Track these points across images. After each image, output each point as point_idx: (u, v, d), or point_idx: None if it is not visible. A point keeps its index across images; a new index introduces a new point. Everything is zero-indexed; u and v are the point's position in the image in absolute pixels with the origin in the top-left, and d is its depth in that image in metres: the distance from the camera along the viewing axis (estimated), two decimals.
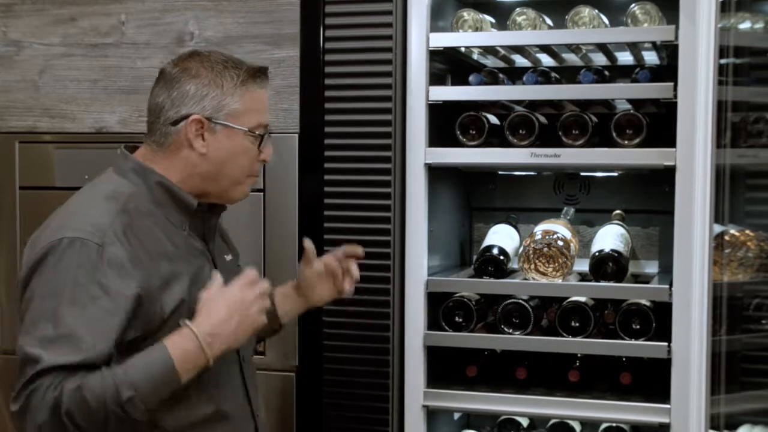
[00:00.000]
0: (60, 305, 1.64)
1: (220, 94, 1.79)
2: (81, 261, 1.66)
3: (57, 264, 1.67)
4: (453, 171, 2.60)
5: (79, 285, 1.65)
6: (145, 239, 1.74)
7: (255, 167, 1.86)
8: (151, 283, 1.71)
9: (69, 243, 1.67)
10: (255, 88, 1.82)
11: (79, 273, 1.65)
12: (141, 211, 1.77)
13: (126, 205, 1.75)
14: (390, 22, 2.32)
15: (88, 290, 1.65)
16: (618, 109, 2.48)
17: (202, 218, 1.87)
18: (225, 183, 1.83)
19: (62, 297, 1.64)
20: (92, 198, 1.79)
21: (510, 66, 2.68)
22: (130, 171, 1.82)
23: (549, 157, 2.30)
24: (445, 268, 2.58)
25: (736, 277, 2.31)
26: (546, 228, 2.41)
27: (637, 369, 2.35)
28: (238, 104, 1.80)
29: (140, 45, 2.55)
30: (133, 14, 2.55)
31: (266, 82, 1.85)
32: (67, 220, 1.74)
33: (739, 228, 2.33)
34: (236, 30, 2.47)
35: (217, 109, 1.79)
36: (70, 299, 1.64)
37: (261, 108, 1.84)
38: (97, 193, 1.79)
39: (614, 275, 2.33)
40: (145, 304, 1.69)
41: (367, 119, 2.35)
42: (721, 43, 2.13)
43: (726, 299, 2.21)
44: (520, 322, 2.34)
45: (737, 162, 2.25)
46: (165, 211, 1.81)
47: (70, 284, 1.65)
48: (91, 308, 1.64)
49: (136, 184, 1.80)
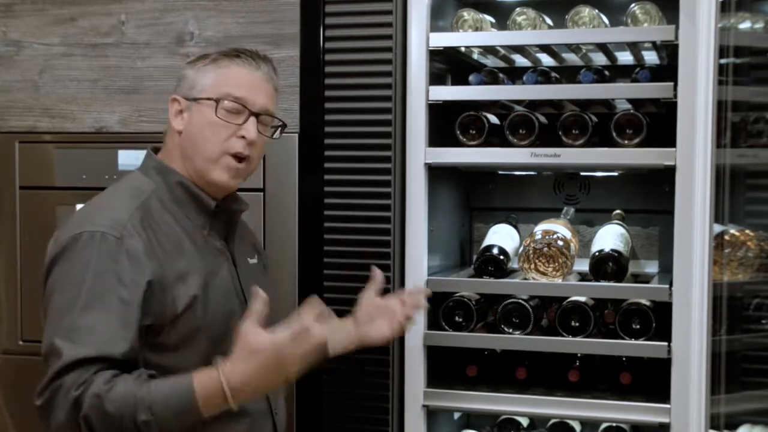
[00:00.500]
0: (79, 297, 1.67)
1: (193, 73, 1.87)
2: (100, 253, 1.69)
3: (77, 257, 1.70)
4: (453, 171, 2.60)
5: (97, 277, 1.68)
6: (161, 233, 1.78)
7: (231, 144, 1.84)
8: (165, 275, 1.74)
9: (89, 236, 1.71)
10: (228, 64, 1.87)
11: (98, 265, 1.69)
12: (160, 207, 1.82)
13: (146, 201, 1.81)
14: (390, 22, 2.32)
15: (106, 282, 1.68)
16: (618, 109, 2.48)
17: (222, 219, 1.91)
18: (199, 161, 1.85)
19: (81, 289, 1.67)
20: (115, 195, 1.84)
21: (510, 66, 2.68)
22: (152, 169, 1.88)
23: (549, 157, 2.30)
24: (445, 268, 2.58)
25: (736, 277, 2.31)
26: (546, 228, 2.41)
27: (637, 369, 2.35)
28: (208, 79, 1.85)
29: (140, 45, 2.55)
30: (133, 14, 2.55)
31: (249, 62, 1.88)
32: (88, 216, 1.78)
33: (739, 228, 2.33)
34: (236, 30, 2.47)
35: (191, 87, 1.86)
36: (89, 291, 1.67)
37: (233, 82, 1.85)
38: (121, 190, 1.85)
39: (614, 275, 2.33)
40: (157, 293, 1.72)
41: (367, 119, 2.35)
42: (721, 43, 2.13)
43: (726, 299, 2.21)
44: (520, 322, 2.34)
45: (737, 162, 2.25)
46: (185, 210, 1.85)
47: (89, 276, 1.68)
48: (109, 300, 1.67)
49: (156, 182, 1.86)
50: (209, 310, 1.80)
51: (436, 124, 2.39)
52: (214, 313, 1.81)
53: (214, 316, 1.81)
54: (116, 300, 1.67)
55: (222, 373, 1.61)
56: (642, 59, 2.53)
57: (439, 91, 2.37)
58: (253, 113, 1.85)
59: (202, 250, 1.84)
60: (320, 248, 2.40)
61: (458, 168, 2.59)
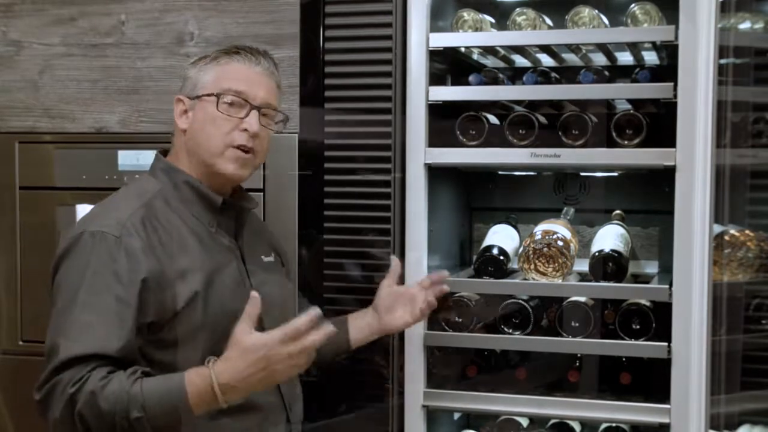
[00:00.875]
0: (78, 295, 1.70)
1: (195, 73, 1.92)
2: (99, 252, 1.73)
3: (78, 256, 1.75)
4: (453, 171, 2.60)
5: (95, 275, 1.71)
6: (164, 232, 1.81)
7: (234, 137, 1.88)
8: (164, 272, 1.76)
9: (90, 236, 1.75)
10: (228, 61, 1.91)
11: (97, 264, 1.72)
12: (165, 206, 1.85)
13: (150, 200, 1.84)
14: (390, 22, 2.32)
15: (103, 280, 1.71)
16: (618, 109, 2.48)
17: (230, 216, 1.94)
18: (205, 155, 1.88)
19: (80, 287, 1.71)
20: (122, 197, 1.89)
21: (510, 66, 2.68)
22: (159, 170, 1.92)
23: (549, 157, 2.30)
24: (444, 268, 2.56)
25: (736, 277, 2.31)
26: (546, 228, 2.41)
27: (637, 369, 2.35)
28: (209, 77, 1.90)
29: (140, 45, 2.55)
30: (133, 14, 2.55)
31: (249, 57, 1.92)
32: (93, 216, 1.83)
33: (739, 228, 2.33)
34: (236, 30, 2.47)
35: (193, 86, 1.90)
36: (87, 289, 1.70)
37: (233, 77, 1.89)
38: (128, 191, 1.90)
39: (614, 275, 2.33)
40: (155, 290, 1.74)
41: (367, 119, 2.35)
42: (721, 43, 2.13)
43: (726, 299, 2.21)
44: (520, 322, 2.34)
45: (737, 162, 2.25)
46: (192, 208, 1.88)
47: (88, 275, 1.71)
48: (106, 298, 1.70)
49: (163, 182, 1.89)
50: (212, 306, 1.82)
51: (436, 125, 2.39)
52: (217, 309, 1.83)
53: (217, 313, 1.82)
54: (113, 298, 1.70)
55: (213, 371, 1.65)
56: (642, 59, 2.53)
57: (439, 91, 2.37)
58: (254, 107, 1.89)
59: (208, 247, 1.87)
60: (320, 248, 2.40)
61: (458, 168, 2.59)
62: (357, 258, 2.35)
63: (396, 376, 2.38)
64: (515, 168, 2.70)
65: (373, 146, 2.35)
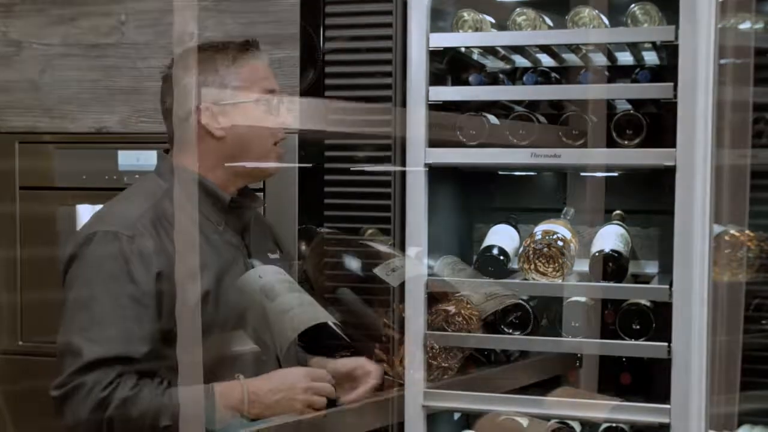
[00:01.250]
0: (93, 295, 1.72)
1: (218, 78, 1.89)
2: (113, 253, 1.74)
3: (91, 256, 1.76)
4: (453, 171, 2.60)
5: (110, 276, 1.73)
6: (172, 231, 1.81)
7: (276, 133, 1.93)
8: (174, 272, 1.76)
9: (102, 236, 1.76)
10: (248, 59, 1.92)
11: (111, 264, 1.74)
12: (173, 206, 1.85)
13: (159, 201, 1.85)
14: (390, 22, 2.32)
15: (119, 281, 1.73)
16: (618, 109, 2.48)
17: (238, 214, 1.95)
18: (254, 158, 1.92)
19: (95, 288, 1.73)
20: (129, 196, 1.91)
21: (510, 66, 2.68)
22: (166, 170, 1.93)
23: (549, 157, 2.30)
24: None
25: (737, 278, 2.30)
26: (546, 228, 2.41)
27: (637, 369, 2.35)
28: (238, 80, 1.90)
29: (140, 45, 2.55)
30: (133, 14, 2.55)
31: (258, 52, 1.95)
32: (103, 216, 1.85)
33: (739, 228, 2.33)
34: (236, 30, 2.47)
35: (219, 92, 1.90)
36: (103, 290, 1.72)
37: (261, 76, 1.93)
38: (136, 191, 1.92)
39: (614, 275, 2.33)
40: (168, 290, 1.75)
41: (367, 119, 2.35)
42: (721, 43, 2.12)
43: (726, 299, 2.21)
44: (520, 322, 2.34)
45: (737, 162, 2.25)
46: (200, 207, 1.89)
47: (103, 275, 1.73)
48: (122, 299, 1.71)
49: (170, 182, 1.89)
50: (222, 304, 1.82)
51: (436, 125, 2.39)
52: (227, 307, 1.85)
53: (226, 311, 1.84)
54: (129, 299, 1.72)
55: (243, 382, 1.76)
56: (642, 59, 2.53)
57: (439, 91, 2.37)
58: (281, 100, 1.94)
59: (216, 245, 1.88)
60: (320, 248, 2.40)
61: (458, 168, 2.59)
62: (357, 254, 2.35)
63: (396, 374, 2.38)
64: (515, 168, 2.70)
65: (373, 146, 2.35)
